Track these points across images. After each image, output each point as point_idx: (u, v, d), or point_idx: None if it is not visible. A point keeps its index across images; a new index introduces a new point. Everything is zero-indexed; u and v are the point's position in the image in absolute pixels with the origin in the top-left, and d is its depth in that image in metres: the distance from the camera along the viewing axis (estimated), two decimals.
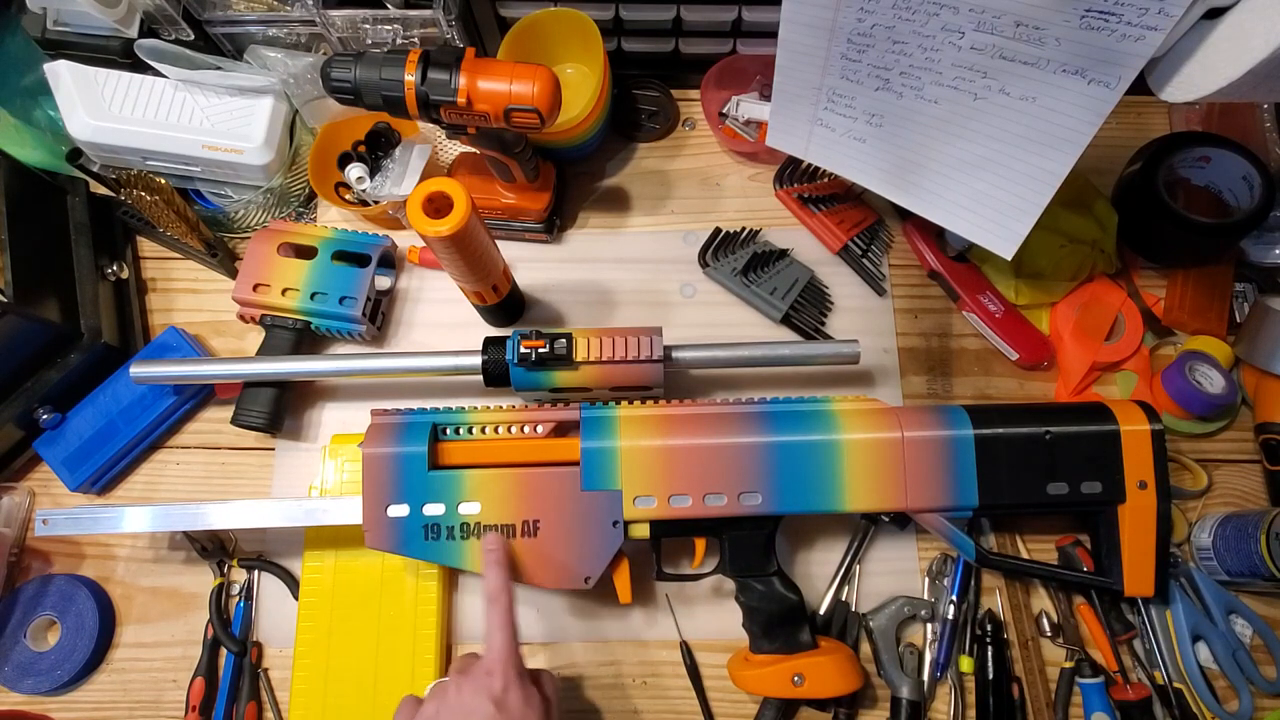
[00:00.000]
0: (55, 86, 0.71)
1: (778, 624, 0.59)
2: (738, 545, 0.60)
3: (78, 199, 0.73)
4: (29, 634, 0.66)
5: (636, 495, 0.59)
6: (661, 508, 0.59)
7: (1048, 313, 0.72)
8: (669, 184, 0.78)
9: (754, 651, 0.60)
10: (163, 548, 0.69)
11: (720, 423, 0.60)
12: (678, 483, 0.59)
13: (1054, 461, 0.59)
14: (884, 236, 0.75)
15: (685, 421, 0.60)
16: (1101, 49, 0.48)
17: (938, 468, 0.59)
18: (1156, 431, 0.59)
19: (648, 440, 0.59)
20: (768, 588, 0.59)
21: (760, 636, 0.60)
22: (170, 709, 0.66)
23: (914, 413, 0.61)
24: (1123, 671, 0.62)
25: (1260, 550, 0.59)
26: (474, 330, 0.73)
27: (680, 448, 0.59)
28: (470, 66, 0.57)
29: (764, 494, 0.58)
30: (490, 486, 0.59)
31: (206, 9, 0.71)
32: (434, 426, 0.61)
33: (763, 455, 0.59)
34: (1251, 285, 0.72)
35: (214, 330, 0.75)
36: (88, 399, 0.69)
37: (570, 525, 0.59)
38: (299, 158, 0.76)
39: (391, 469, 0.59)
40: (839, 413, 0.61)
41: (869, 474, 0.59)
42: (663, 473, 0.59)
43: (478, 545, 0.59)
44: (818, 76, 0.61)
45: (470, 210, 0.55)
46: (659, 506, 0.59)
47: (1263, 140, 0.71)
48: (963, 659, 0.63)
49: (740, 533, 0.60)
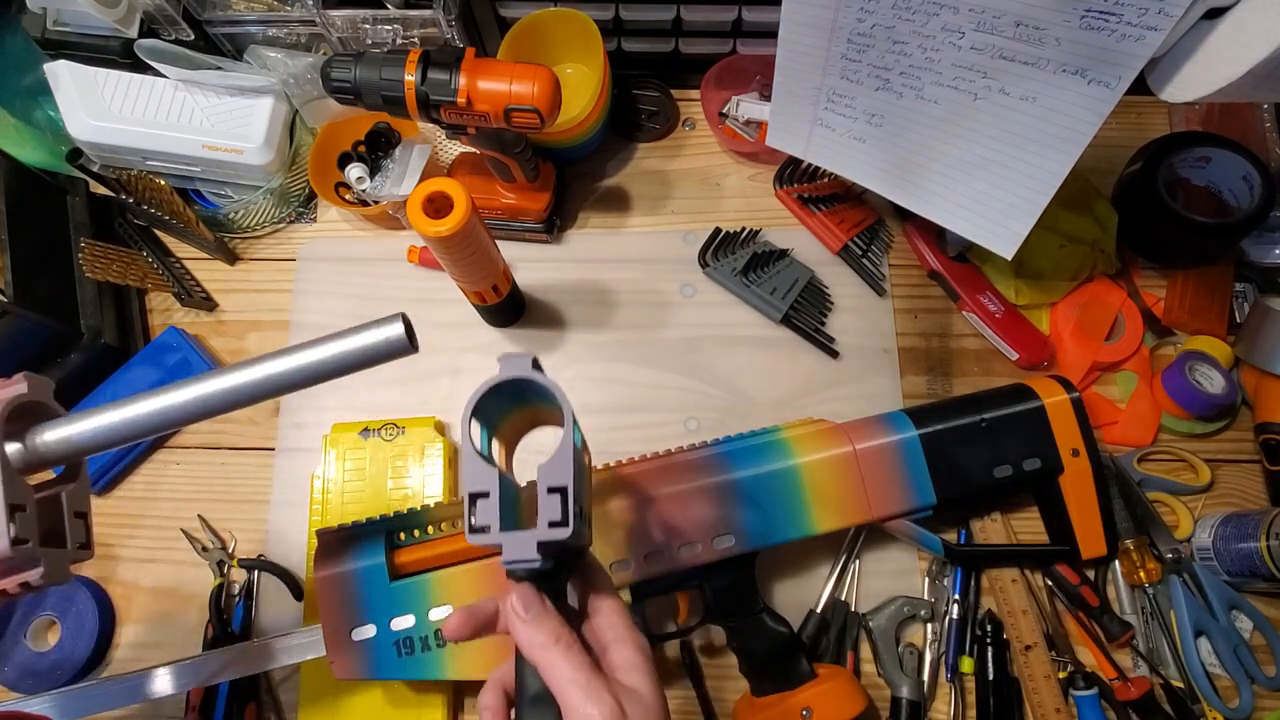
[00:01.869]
0: (55, 86, 0.71)
1: (774, 660, 0.59)
2: (721, 591, 0.59)
3: (78, 199, 0.73)
4: (29, 634, 0.66)
5: (611, 561, 0.57)
6: (639, 568, 0.57)
7: (1048, 313, 0.72)
8: (669, 184, 0.78)
9: (756, 694, 0.59)
10: (163, 548, 0.69)
11: (678, 471, 0.59)
12: (649, 540, 0.57)
13: (994, 446, 0.61)
14: (884, 236, 0.75)
15: (644, 477, 0.59)
16: (1101, 49, 0.48)
17: (893, 474, 0.60)
18: (1075, 400, 0.62)
19: (612, 503, 0.58)
20: (758, 627, 0.59)
21: (761, 677, 0.59)
22: (170, 709, 0.65)
23: (860, 425, 0.62)
24: (1121, 674, 0.62)
25: (1260, 550, 0.60)
26: (474, 330, 0.74)
27: (645, 503, 0.58)
28: (470, 66, 0.57)
29: (736, 534, 0.58)
30: (459, 585, 0.56)
31: (206, 9, 0.71)
32: (388, 534, 0.57)
33: (727, 495, 0.58)
34: (1251, 285, 0.72)
35: (214, 330, 0.75)
36: (87, 399, 0.69)
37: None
38: (299, 158, 0.76)
39: (350, 588, 0.56)
40: (791, 439, 0.60)
41: (831, 493, 0.59)
42: (633, 532, 0.57)
43: (457, 651, 0.55)
44: (818, 76, 0.61)
45: (470, 210, 0.55)
46: (635, 569, 0.57)
47: (1263, 140, 0.71)
48: (963, 659, 0.63)
49: (721, 578, 0.59)
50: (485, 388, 0.36)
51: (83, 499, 0.47)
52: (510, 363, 0.36)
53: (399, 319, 0.42)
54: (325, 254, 0.77)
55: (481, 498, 0.35)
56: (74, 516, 0.46)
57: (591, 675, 0.35)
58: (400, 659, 0.56)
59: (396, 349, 0.42)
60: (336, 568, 0.57)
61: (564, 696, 0.35)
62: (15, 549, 0.40)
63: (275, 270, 0.77)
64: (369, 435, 0.67)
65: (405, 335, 0.42)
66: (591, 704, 0.34)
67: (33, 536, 0.41)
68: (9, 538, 0.40)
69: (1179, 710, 0.61)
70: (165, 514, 0.70)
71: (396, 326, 0.42)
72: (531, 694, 0.37)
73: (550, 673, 0.35)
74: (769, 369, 0.72)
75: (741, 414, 0.70)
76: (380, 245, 0.77)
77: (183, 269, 0.77)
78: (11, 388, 0.42)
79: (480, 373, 0.73)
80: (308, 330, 0.74)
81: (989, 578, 0.65)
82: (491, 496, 0.35)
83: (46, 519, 0.44)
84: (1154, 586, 0.64)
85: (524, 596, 0.36)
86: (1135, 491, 0.66)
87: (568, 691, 0.34)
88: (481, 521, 0.35)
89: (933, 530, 0.63)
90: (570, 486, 0.35)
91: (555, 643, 0.35)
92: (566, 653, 0.35)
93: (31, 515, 0.41)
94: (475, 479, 0.35)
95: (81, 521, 0.46)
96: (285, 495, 0.70)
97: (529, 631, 0.36)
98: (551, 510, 0.34)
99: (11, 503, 0.40)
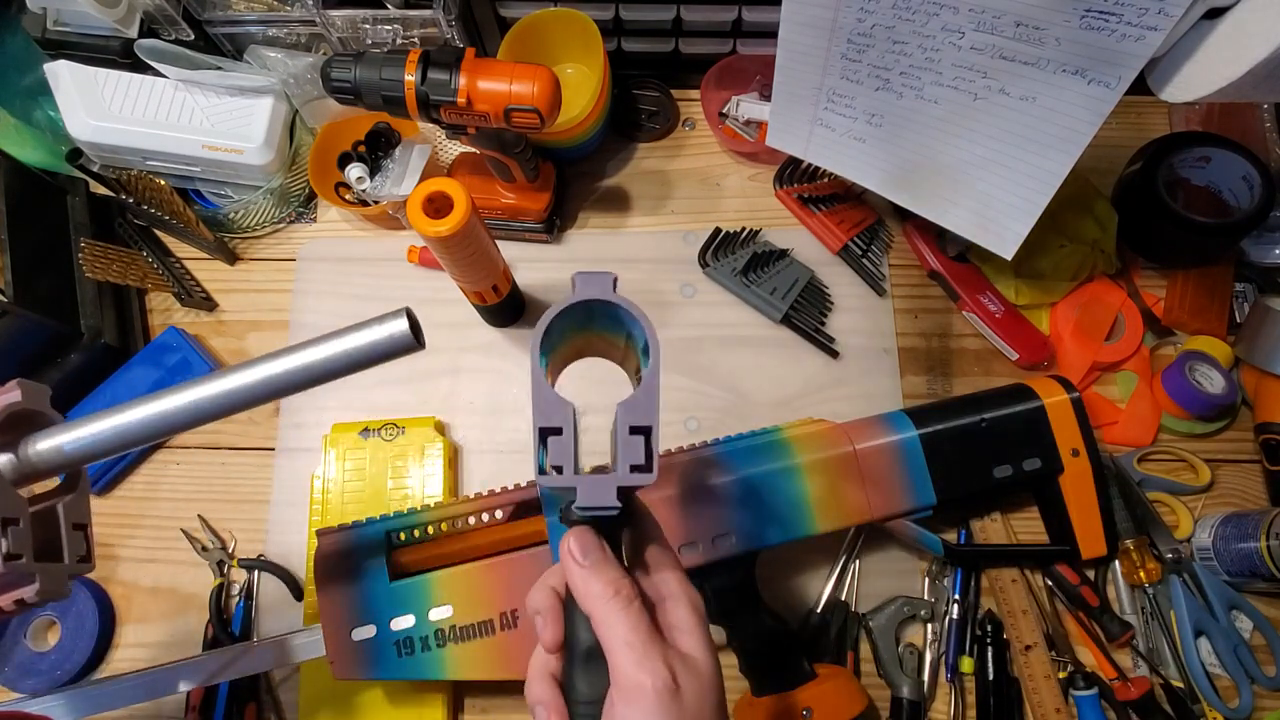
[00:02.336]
0: (55, 86, 0.71)
1: (774, 660, 0.59)
2: (721, 591, 0.58)
3: (78, 199, 0.73)
4: (29, 634, 0.66)
5: None
6: None
7: (1048, 313, 0.72)
8: (669, 184, 0.78)
9: (756, 694, 0.59)
10: (163, 548, 0.69)
11: (681, 472, 0.59)
12: None
13: (994, 446, 0.61)
14: (884, 236, 0.75)
15: None
16: (1101, 49, 0.48)
17: (893, 473, 0.60)
18: (1075, 400, 0.62)
19: None
20: (758, 624, 0.59)
21: (761, 677, 0.59)
22: (170, 709, 0.65)
23: (860, 425, 0.62)
24: (1121, 674, 0.62)
25: (1260, 550, 0.60)
26: (474, 330, 0.74)
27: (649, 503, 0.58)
28: (470, 66, 0.57)
29: (736, 534, 0.58)
30: (459, 584, 0.56)
31: (206, 9, 0.71)
32: (388, 534, 0.57)
33: (727, 495, 0.58)
34: (1251, 285, 0.72)
35: (214, 330, 0.75)
36: (87, 399, 0.69)
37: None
38: (299, 158, 0.76)
39: (350, 589, 0.56)
40: (791, 439, 0.60)
41: (832, 492, 0.59)
42: None
43: (457, 651, 0.55)
44: (818, 76, 0.61)
45: (470, 210, 0.55)
46: None
47: (1263, 140, 0.71)
48: (963, 659, 0.63)
49: (721, 578, 0.58)
50: (559, 309, 0.32)
51: (82, 510, 0.45)
52: (588, 281, 0.32)
53: (403, 314, 0.39)
54: (325, 254, 0.77)
55: (554, 434, 0.31)
56: (72, 529, 0.44)
57: (648, 638, 0.32)
58: (400, 659, 0.56)
59: (401, 346, 0.40)
60: (336, 568, 0.57)
61: (615, 658, 0.32)
62: (8, 565, 0.38)
63: (275, 270, 0.77)
64: (369, 435, 0.67)
65: (410, 331, 0.39)
66: (644, 672, 0.31)
67: (27, 552, 0.39)
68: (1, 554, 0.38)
69: (1179, 710, 0.61)
70: (165, 514, 0.70)
71: (400, 322, 0.39)
72: (584, 649, 0.34)
73: (605, 629, 0.32)
74: (769, 369, 0.72)
75: (741, 414, 0.70)
76: (380, 245, 0.77)
77: (183, 269, 0.77)
78: (3, 396, 0.40)
79: (480, 373, 0.73)
80: (308, 330, 0.74)
81: (989, 578, 0.65)
82: (566, 433, 0.31)
83: (42, 532, 0.42)
84: (1154, 586, 0.64)
85: (582, 541, 0.34)
86: (1135, 491, 0.66)
87: (620, 654, 0.32)
88: (556, 461, 0.31)
89: (933, 530, 0.63)
90: (655, 427, 0.31)
91: (615, 594, 0.33)
92: (626, 607, 0.33)
93: (25, 529, 0.39)
94: (548, 413, 0.31)
95: (80, 534, 0.44)
96: (285, 495, 0.70)
97: (586, 580, 0.33)
98: (634, 453, 0.31)
99: (3, 517, 0.38)
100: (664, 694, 0.31)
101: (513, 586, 0.56)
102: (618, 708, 0.32)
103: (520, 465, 0.70)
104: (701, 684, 0.33)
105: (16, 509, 0.40)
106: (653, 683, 0.31)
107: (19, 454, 0.40)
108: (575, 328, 0.35)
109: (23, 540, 0.39)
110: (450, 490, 0.68)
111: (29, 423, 0.41)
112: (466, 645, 0.56)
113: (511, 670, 0.56)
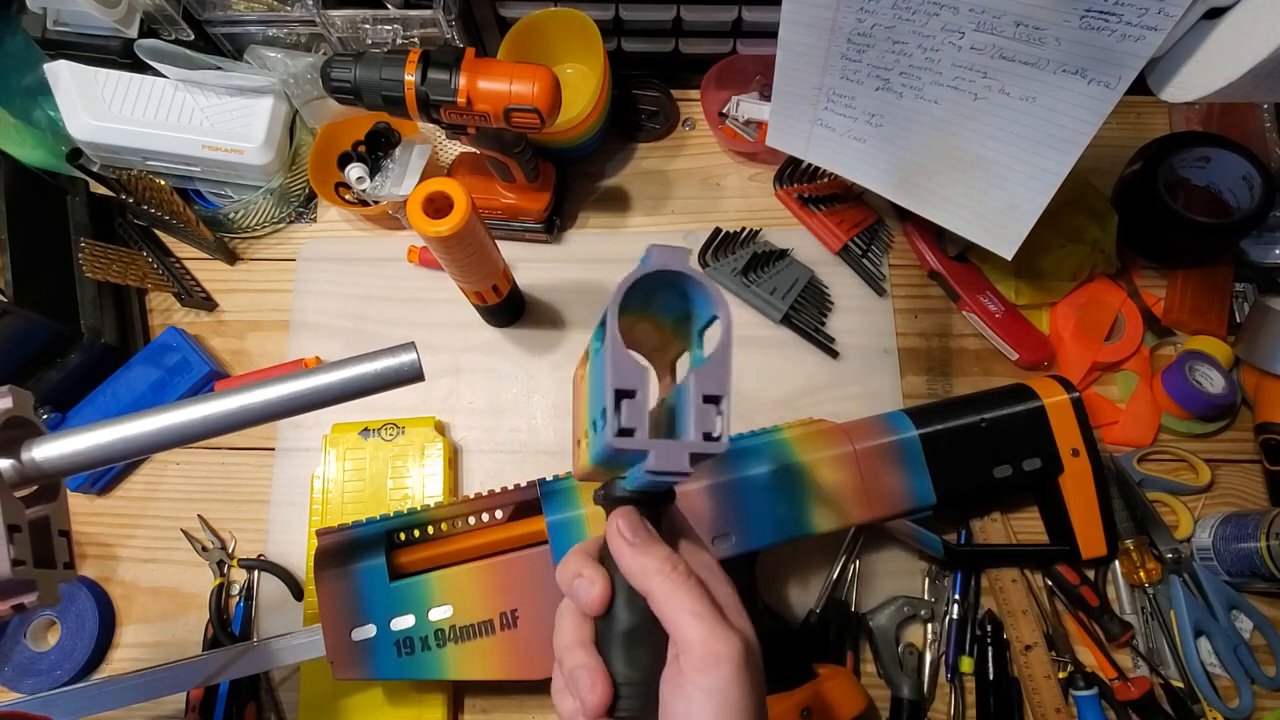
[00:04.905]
0: (55, 86, 0.71)
1: (774, 658, 0.58)
2: None
3: (78, 199, 0.73)
4: (29, 634, 0.66)
5: None
6: None
7: (1048, 313, 0.72)
8: (669, 184, 0.78)
9: None
10: (163, 548, 0.69)
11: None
12: None
13: (994, 446, 0.61)
14: (884, 236, 0.75)
15: None
16: (1101, 49, 0.48)
17: (893, 473, 0.60)
18: (1075, 400, 0.62)
19: None
20: (758, 624, 0.58)
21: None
22: (170, 709, 0.65)
23: (860, 425, 0.61)
24: (1121, 674, 0.62)
25: (1260, 550, 0.60)
26: (474, 330, 0.74)
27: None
28: (470, 66, 0.57)
29: (737, 534, 0.58)
30: (459, 584, 0.56)
31: (206, 9, 0.71)
32: (388, 534, 0.57)
33: (727, 495, 0.58)
34: (1251, 285, 0.72)
35: (214, 330, 0.75)
36: (87, 399, 0.69)
37: (551, 607, 0.54)
38: (299, 158, 0.76)
39: (350, 589, 0.56)
40: (791, 439, 0.60)
41: (831, 493, 0.59)
42: None
43: (457, 651, 0.55)
44: (818, 76, 0.61)
45: (470, 210, 0.55)
46: None
47: (1263, 140, 0.71)
48: (963, 659, 0.63)
49: None
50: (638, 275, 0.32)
51: (64, 517, 0.45)
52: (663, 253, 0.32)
53: (411, 346, 0.41)
54: (325, 254, 0.77)
55: (628, 397, 0.31)
56: (58, 535, 0.44)
57: (714, 607, 0.32)
58: (400, 659, 0.56)
59: (409, 376, 0.43)
60: (336, 568, 0.57)
61: (684, 631, 0.31)
62: (15, 571, 0.38)
63: (275, 270, 0.77)
64: (369, 435, 0.67)
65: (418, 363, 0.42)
66: (719, 641, 0.31)
67: (28, 558, 0.40)
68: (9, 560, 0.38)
69: (1179, 710, 0.61)
70: (165, 514, 0.70)
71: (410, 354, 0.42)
72: (623, 629, 0.34)
73: (667, 603, 0.32)
74: (769, 369, 0.72)
75: (741, 414, 0.70)
76: (380, 245, 0.77)
77: (183, 269, 0.77)
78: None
79: (480, 373, 0.73)
80: (308, 330, 0.75)
81: (989, 578, 0.65)
82: (639, 396, 0.31)
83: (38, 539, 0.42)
84: (1154, 586, 0.64)
85: (630, 521, 0.33)
86: (1135, 491, 0.66)
87: (689, 627, 0.31)
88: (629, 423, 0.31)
89: (933, 530, 0.63)
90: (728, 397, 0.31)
91: (674, 569, 0.32)
92: (686, 580, 0.32)
93: (26, 536, 0.40)
94: (624, 375, 0.31)
95: (65, 540, 0.45)
96: (285, 495, 0.70)
97: (638, 558, 0.32)
98: (707, 421, 0.31)
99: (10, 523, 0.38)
100: (741, 662, 0.31)
101: (513, 586, 0.56)
102: (692, 678, 0.31)
103: (520, 465, 0.70)
104: (757, 659, 0.33)
105: (20, 516, 0.40)
106: (729, 651, 0.31)
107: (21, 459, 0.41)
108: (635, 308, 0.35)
109: (25, 547, 0.40)
110: (450, 490, 0.68)
111: (19, 428, 0.42)
112: (466, 645, 0.56)
113: (511, 670, 0.56)
